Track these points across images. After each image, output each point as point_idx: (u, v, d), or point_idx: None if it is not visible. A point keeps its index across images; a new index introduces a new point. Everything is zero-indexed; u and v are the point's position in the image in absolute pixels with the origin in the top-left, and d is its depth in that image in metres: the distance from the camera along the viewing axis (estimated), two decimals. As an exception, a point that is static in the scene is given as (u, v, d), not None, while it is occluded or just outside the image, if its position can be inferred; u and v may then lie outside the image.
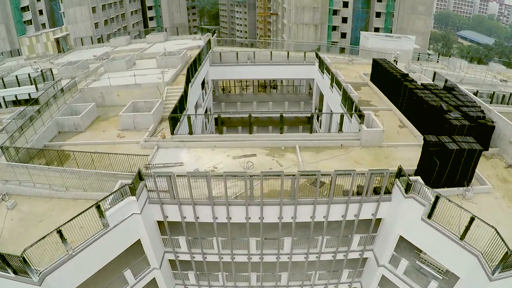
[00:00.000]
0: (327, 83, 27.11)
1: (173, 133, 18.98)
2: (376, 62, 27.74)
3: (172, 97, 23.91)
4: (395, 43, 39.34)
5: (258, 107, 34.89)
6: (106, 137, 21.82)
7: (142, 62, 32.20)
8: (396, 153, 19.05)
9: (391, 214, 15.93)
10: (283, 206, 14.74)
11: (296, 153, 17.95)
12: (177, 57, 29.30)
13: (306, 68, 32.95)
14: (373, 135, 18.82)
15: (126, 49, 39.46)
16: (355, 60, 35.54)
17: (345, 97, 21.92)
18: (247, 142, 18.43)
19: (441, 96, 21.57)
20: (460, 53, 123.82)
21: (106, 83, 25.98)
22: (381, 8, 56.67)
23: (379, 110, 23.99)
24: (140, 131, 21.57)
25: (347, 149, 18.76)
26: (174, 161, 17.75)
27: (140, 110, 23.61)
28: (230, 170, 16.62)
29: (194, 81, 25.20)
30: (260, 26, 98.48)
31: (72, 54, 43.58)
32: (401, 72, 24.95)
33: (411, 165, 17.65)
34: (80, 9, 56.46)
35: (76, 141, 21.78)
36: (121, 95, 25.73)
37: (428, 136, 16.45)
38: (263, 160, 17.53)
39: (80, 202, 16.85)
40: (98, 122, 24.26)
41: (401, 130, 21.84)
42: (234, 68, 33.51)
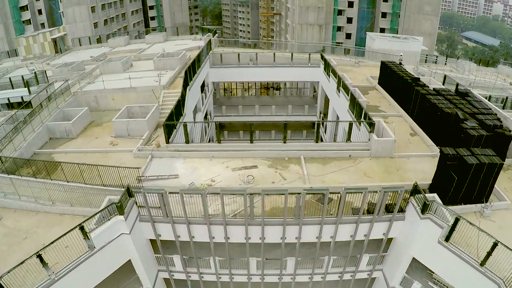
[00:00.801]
0: (333, 87, 25.72)
1: (168, 141, 17.67)
2: (385, 65, 26.31)
3: (169, 101, 22.60)
4: (402, 44, 37.86)
5: (261, 110, 33.52)
6: (99, 144, 20.55)
7: (139, 64, 30.91)
8: (408, 164, 17.65)
9: (404, 234, 14.58)
10: (286, 226, 13.38)
11: (301, 165, 16.58)
12: (175, 58, 27.96)
13: (311, 70, 31.55)
14: (384, 145, 17.41)
15: (124, 50, 38.22)
16: (361, 62, 34.10)
17: (353, 102, 20.52)
18: (247, 153, 17.05)
19: (455, 102, 20.13)
20: (465, 55, 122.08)
21: (101, 86, 24.70)
22: (387, 8, 55.13)
23: (389, 116, 22.57)
24: (134, 138, 20.28)
25: (356, 160, 17.37)
26: (168, 173, 16.43)
27: (135, 115, 22.33)
28: (228, 184, 15.31)
29: (193, 85, 23.89)
30: (263, 26, 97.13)
31: (69, 54, 42.40)
32: (411, 76, 23.51)
33: (425, 179, 16.29)
34: (79, 9, 55.34)
35: (67, 149, 20.54)
36: (116, 99, 24.47)
37: (446, 149, 15.02)
38: (265, 172, 16.17)
39: (67, 217, 15.64)
40: (91, 128, 23.00)
41: (412, 138, 20.41)
42: (235, 70, 32.17)
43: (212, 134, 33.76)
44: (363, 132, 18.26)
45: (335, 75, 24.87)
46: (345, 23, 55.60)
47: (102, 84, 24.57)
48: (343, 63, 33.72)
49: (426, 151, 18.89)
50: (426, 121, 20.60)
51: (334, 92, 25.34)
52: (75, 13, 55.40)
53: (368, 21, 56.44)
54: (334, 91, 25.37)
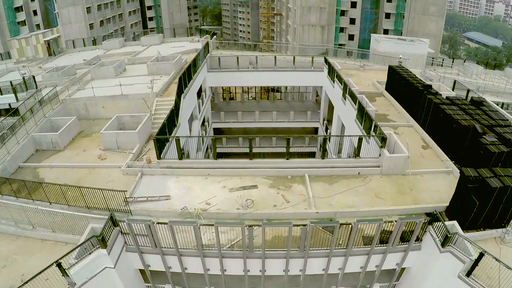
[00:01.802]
0: (338, 93, 24.18)
1: (159, 157, 16.14)
2: (393, 69, 24.75)
3: (162, 110, 21.07)
4: (409, 46, 36.34)
5: (261, 116, 32.00)
6: (86, 158, 19.05)
7: (133, 68, 29.38)
8: (421, 182, 16.12)
9: (419, 265, 13.09)
10: (290, 259, 11.86)
11: (305, 184, 15.05)
12: (170, 63, 26.39)
13: (314, 74, 30.00)
14: (396, 162, 15.89)
15: (119, 53, 36.69)
16: (366, 66, 32.53)
17: (362, 112, 18.98)
18: (246, 170, 15.52)
19: (470, 113, 18.59)
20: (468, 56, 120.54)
21: (90, 94, 23.18)
22: (390, 9, 53.54)
23: (399, 126, 21.02)
24: (124, 152, 18.77)
25: (366, 179, 15.84)
26: (159, 193, 14.92)
27: (126, 125, 20.82)
28: (225, 208, 13.78)
29: (188, 91, 22.37)
30: (264, 27, 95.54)
31: (62, 57, 40.90)
32: (422, 83, 21.95)
33: (440, 200, 14.86)
34: (74, 9, 53.83)
35: (53, 162, 19.05)
36: (107, 107, 22.96)
37: (466, 170, 13.49)
38: (266, 193, 14.64)
39: (48, 244, 14.17)
40: (79, 139, 21.48)
41: (425, 152, 18.86)
42: (234, 75, 30.61)
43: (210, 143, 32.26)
44: (373, 146, 16.74)
45: (340, 81, 23.34)
46: (348, 24, 54.02)
47: (92, 91, 22.99)
48: (347, 66, 32.16)
49: (440, 166, 17.35)
50: (439, 133, 19.06)
51: (339, 99, 23.81)
52: (70, 14, 53.89)
53: (371, 22, 54.85)
54: (339, 97, 23.84)
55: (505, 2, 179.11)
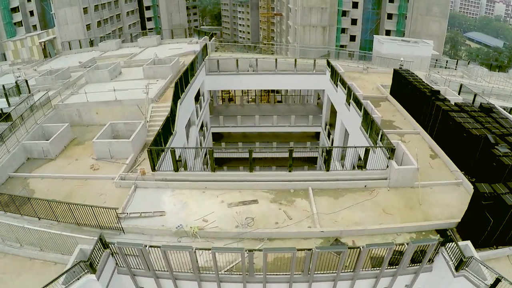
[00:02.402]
0: (342, 98, 23.29)
1: (154, 169, 15.25)
2: (399, 73, 23.87)
3: (158, 117, 20.18)
4: (413, 48, 35.45)
5: (261, 121, 31.10)
6: (78, 168, 18.16)
7: (129, 71, 28.47)
8: (431, 195, 15.26)
9: (430, 287, 12.22)
10: (293, 283, 10.99)
11: (309, 199, 14.16)
12: (166, 66, 25.46)
13: (316, 77, 29.10)
14: (404, 174, 15.01)
15: (115, 55, 35.78)
16: (370, 68, 31.63)
17: (367, 120, 18.10)
18: (246, 184, 14.63)
19: (481, 120, 17.73)
20: (469, 56, 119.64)
21: (84, 99, 22.28)
22: (393, 9, 52.60)
23: (405, 133, 20.14)
24: (117, 161, 17.90)
25: (372, 192, 14.96)
26: (154, 208, 14.05)
27: (119, 133, 19.94)
28: (223, 226, 12.90)
29: (185, 97, 21.45)
30: (263, 27, 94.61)
31: (58, 59, 39.99)
32: (429, 88, 21.07)
33: (452, 215, 14.04)
34: (71, 10, 52.82)
35: (43, 173, 18.21)
36: (100, 113, 22.07)
37: (481, 186, 12.60)
38: (267, 209, 13.76)
39: (37, 263, 13.30)
40: (72, 147, 20.60)
41: (433, 162, 17.97)
42: (233, 78, 29.70)
43: (210, 145, 31.37)
44: (380, 156, 15.84)
45: (344, 85, 22.43)
46: (349, 24, 53.08)
47: (85, 96, 22.09)
48: (350, 69, 31.27)
49: (449, 178, 16.48)
50: (448, 142, 18.19)
51: (343, 104, 22.92)
52: (66, 14, 52.89)
53: (373, 22, 53.93)
54: (343, 102, 22.95)
55: (505, 2, 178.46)
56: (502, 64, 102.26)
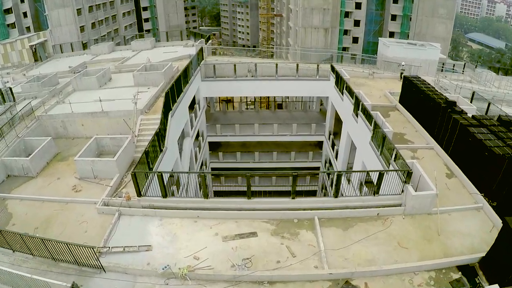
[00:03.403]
0: (348, 108, 21.56)
1: (140, 194, 13.52)
2: (409, 81, 22.13)
3: (147, 130, 18.43)
4: (420, 52, 33.68)
5: (261, 129, 29.36)
6: (59, 189, 16.44)
7: (120, 77, 26.70)
8: (449, 223, 13.54)
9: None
10: None
11: (315, 231, 12.43)
12: (158, 73, 23.67)
13: (320, 84, 27.34)
14: (422, 201, 13.29)
15: (107, 59, 34.07)
16: (376, 73, 29.87)
17: (378, 135, 16.38)
18: (244, 213, 12.89)
19: (502, 136, 15.99)
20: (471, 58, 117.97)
21: (69, 109, 20.53)
22: (397, 10, 50.84)
23: (418, 148, 18.40)
24: (101, 182, 16.16)
25: (386, 221, 13.23)
26: (139, 241, 12.32)
27: (105, 148, 18.23)
28: (217, 265, 11.15)
29: (178, 107, 19.70)
30: (263, 28, 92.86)
31: (49, 63, 38.29)
32: (444, 98, 19.32)
33: (473, 247, 12.37)
34: (64, 11, 51.05)
35: (22, 193, 16.54)
36: (86, 125, 20.35)
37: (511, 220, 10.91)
38: (267, 244, 12.01)
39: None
40: (54, 163, 18.85)
41: (450, 182, 16.22)
42: (231, 84, 27.95)
43: (206, 157, 29.67)
44: (393, 178, 14.11)
45: (351, 94, 20.67)
46: (352, 26, 51.33)
47: (70, 107, 20.35)
48: (355, 74, 29.52)
49: (468, 201, 14.75)
50: (466, 160, 16.45)
51: (349, 115, 21.17)
52: (60, 16, 51.14)
53: (376, 24, 52.18)
54: (349, 113, 21.20)
55: (506, 2, 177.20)
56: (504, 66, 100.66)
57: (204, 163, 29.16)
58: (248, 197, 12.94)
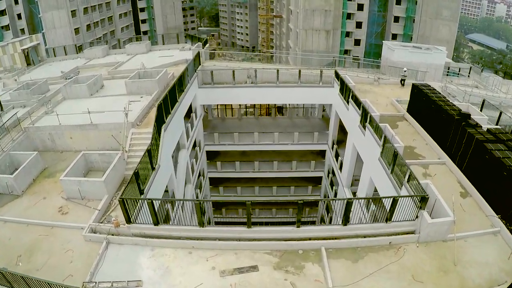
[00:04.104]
0: (354, 119, 20.34)
1: (129, 221, 12.31)
2: (418, 89, 20.91)
3: (139, 145, 17.18)
4: (426, 56, 32.50)
5: (261, 138, 28.13)
6: (45, 210, 15.19)
7: (112, 84, 25.39)
8: (466, 250, 12.40)
9: None
10: None
11: (322, 264, 11.23)
12: (152, 80, 22.40)
13: (323, 91, 26.08)
14: (438, 228, 12.12)
15: (100, 63, 32.82)
16: (381, 79, 28.65)
17: (389, 152, 15.19)
18: (244, 244, 11.67)
19: (520, 151, 14.84)
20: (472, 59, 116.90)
21: (56, 121, 19.27)
22: (400, 12, 49.65)
23: (429, 164, 17.21)
24: (89, 203, 14.94)
25: (399, 251, 12.04)
26: (128, 274, 11.12)
27: (94, 164, 17.01)
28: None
29: (172, 119, 18.44)
30: (262, 29, 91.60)
31: (41, 68, 37.04)
32: (457, 109, 18.11)
33: (491, 277, 11.34)
34: (58, 13, 49.75)
35: (6, 214, 15.28)
36: (75, 138, 19.11)
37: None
38: (269, 279, 10.81)
39: None
40: (41, 180, 17.60)
41: (464, 202, 15.05)
42: (230, 91, 26.69)
43: (203, 166, 28.46)
44: (407, 202, 12.91)
45: (358, 105, 19.43)
46: (354, 28, 50.15)
47: (57, 118, 19.10)
48: (360, 80, 28.32)
49: (485, 225, 13.62)
50: (482, 177, 15.27)
51: (355, 126, 19.94)
52: (54, 18, 49.84)
53: (379, 25, 51.01)
54: (355, 124, 19.97)
55: (506, 2, 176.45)
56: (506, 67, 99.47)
57: (201, 174, 27.95)
58: (248, 226, 11.72)
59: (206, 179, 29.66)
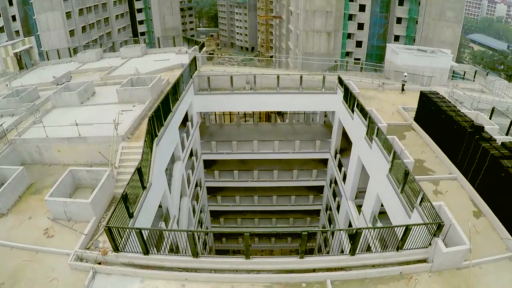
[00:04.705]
0: (359, 129, 19.23)
1: (117, 249, 11.25)
2: (427, 97, 19.80)
3: (130, 161, 16.08)
4: (431, 59, 31.43)
5: (260, 146, 27.03)
6: (30, 232, 14.10)
7: (105, 91, 24.21)
8: (481, 279, 11.43)
9: None
10: None
11: (327, 300, 10.18)
12: (145, 88, 21.26)
13: (326, 97, 24.94)
14: (453, 257, 11.08)
15: (93, 68, 31.71)
16: (386, 84, 27.55)
17: (397, 167, 14.14)
18: (242, 276, 10.60)
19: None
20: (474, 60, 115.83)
21: (43, 133, 18.17)
22: (402, 13, 48.57)
23: (440, 180, 16.15)
24: (76, 224, 13.88)
25: (410, 281, 11.00)
26: (113, 313, 10.06)
27: (82, 181, 15.93)
28: None
29: (165, 132, 17.28)
30: (262, 29, 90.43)
31: (34, 72, 35.89)
32: (469, 120, 17.03)
33: None
34: (53, 15, 48.58)
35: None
36: (63, 151, 18.01)
37: None
38: (270, 319, 9.77)
39: None
40: (27, 197, 16.49)
41: (478, 223, 14.01)
42: (227, 98, 25.58)
43: (200, 176, 27.41)
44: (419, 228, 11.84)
45: (364, 115, 18.32)
46: (355, 29, 49.07)
47: (44, 130, 18.01)
48: (363, 85, 27.25)
49: (500, 249, 12.64)
50: (497, 196, 14.23)
51: (361, 137, 18.84)
52: (48, 20, 48.68)
53: (381, 27, 49.93)
54: (361, 135, 18.87)
55: (506, 2, 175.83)
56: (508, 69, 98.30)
57: (198, 184, 26.88)
58: (246, 257, 10.64)
59: (204, 188, 28.59)
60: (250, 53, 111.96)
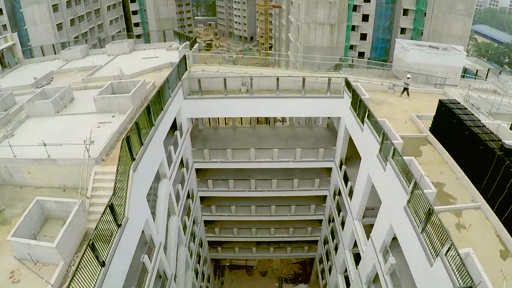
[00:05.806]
0: (371, 144, 16.89)
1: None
2: (447, 107, 17.40)
3: (103, 189, 13.84)
4: (444, 57, 28.94)
5: (258, 155, 24.78)
6: (-7, 274, 12.10)
7: (84, 96, 21.76)
8: None
9: None
10: None
11: None
12: (125, 96, 18.78)
13: (331, 102, 22.56)
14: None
15: (77, 67, 29.26)
16: (396, 86, 25.04)
17: (418, 200, 12.00)
18: None
19: None
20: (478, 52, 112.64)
21: (13, 152, 15.94)
22: (410, 4, 45.60)
23: (462, 209, 13.99)
24: (44, 269, 11.80)
25: None
26: None
27: (52, 213, 13.77)
28: None
29: (145, 152, 14.95)
30: (261, 19, 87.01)
31: (16, 71, 33.39)
32: (497, 139, 14.72)
33: None
34: (39, 8, 45.65)
35: None
36: (33, 172, 15.81)
37: None
38: None
39: None
40: (-7, 227, 14.42)
41: (505, 265, 11.90)
42: (220, 102, 23.23)
43: (192, 187, 25.33)
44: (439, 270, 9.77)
45: (377, 130, 16.00)
46: (360, 21, 46.18)
47: (11, 150, 15.77)
48: (372, 88, 24.77)
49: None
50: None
51: (372, 153, 16.53)
52: (34, 13, 45.78)
53: (387, 19, 47.05)
54: (372, 151, 16.59)
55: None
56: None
57: (190, 195, 24.77)
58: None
59: (197, 198, 26.52)
60: (249, 43, 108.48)
